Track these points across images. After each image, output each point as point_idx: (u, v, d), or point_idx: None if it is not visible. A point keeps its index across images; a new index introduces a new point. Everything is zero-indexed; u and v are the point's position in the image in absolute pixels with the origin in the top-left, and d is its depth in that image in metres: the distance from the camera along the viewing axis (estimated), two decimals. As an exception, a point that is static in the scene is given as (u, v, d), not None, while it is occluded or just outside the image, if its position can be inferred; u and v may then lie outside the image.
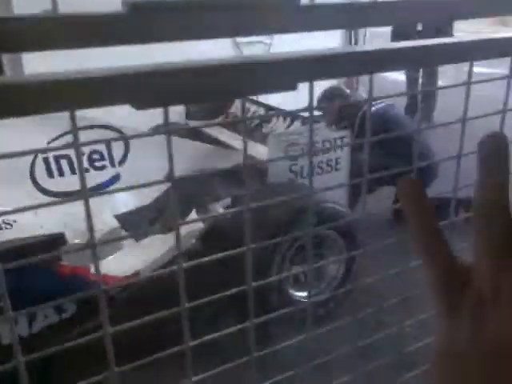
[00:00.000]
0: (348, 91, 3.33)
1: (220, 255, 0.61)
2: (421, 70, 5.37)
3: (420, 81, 5.45)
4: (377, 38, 4.74)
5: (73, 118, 0.40)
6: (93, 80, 0.38)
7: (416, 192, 0.32)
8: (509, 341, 0.26)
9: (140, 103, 0.39)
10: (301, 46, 0.54)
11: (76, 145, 0.45)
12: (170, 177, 0.43)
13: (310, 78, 0.46)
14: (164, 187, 2.53)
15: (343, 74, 0.48)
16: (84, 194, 0.46)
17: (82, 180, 0.45)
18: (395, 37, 5.04)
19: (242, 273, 0.60)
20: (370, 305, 0.78)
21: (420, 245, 0.31)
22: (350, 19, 0.50)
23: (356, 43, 5.44)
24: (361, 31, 5.51)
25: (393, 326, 0.81)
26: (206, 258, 0.61)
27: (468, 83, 0.65)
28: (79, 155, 0.47)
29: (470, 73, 0.63)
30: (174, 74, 0.39)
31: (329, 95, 3.09)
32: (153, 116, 0.45)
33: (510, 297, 0.27)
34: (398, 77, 6.24)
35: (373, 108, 3.16)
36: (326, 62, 0.46)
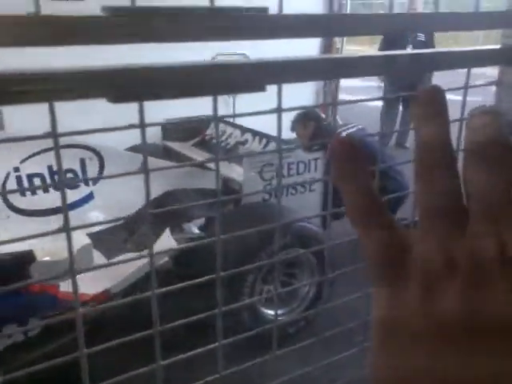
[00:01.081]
0: (323, 115, 3.41)
1: (191, 282, 0.61)
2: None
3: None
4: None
5: (52, 111, 0.41)
6: (69, 73, 0.40)
7: (349, 151, 0.27)
8: (470, 313, 0.23)
9: (115, 97, 0.41)
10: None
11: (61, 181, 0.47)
12: (144, 169, 0.45)
13: (278, 81, 0.49)
14: (137, 207, 2.53)
15: (310, 79, 0.52)
16: (67, 228, 0.47)
17: (66, 216, 0.46)
18: (386, 46, 5.12)
19: (214, 290, 0.60)
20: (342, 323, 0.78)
21: (354, 213, 0.27)
22: (314, 29, 0.53)
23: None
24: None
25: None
26: (180, 285, 0.60)
27: (465, 87, 0.68)
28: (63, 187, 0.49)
29: (467, 77, 0.66)
30: (150, 71, 0.42)
31: (303, 117, 3.15)
32: (130, 135, 0.47)
33: (468, 269, 0.24)
34: (377, 103, 6.42)
35: (349, 130, 3.24)
36: (293, 66, 0.50)
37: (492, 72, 0.74)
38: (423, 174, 0.26)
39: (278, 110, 0.52)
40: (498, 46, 0.60)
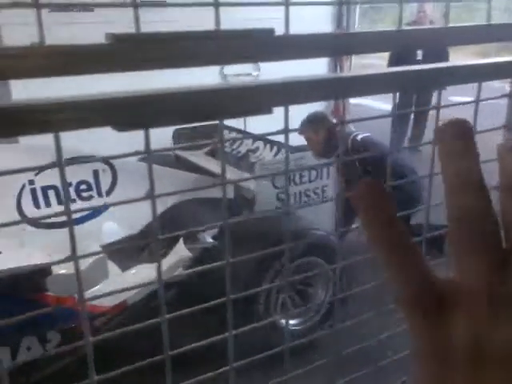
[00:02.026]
0: (334, 120, 3.39)
1: (203, 306, 0.60)
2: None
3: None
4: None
5: (57, 140, 0.41)
6: (75, 103, 0.40)
7: (376, 194, 0.26)
8: None
9: (121, 125, 0.41)
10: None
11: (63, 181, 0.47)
12: (150, 194, 0.45)
13: (285, 103, 0.49)
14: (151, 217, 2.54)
15: (318, 99, 0.51)
16: (74, 257, 0.47)
17: (72, 244, 0.46)
18: (395, 61, 5.10)
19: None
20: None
21: (387, 258, 0.26)
22: (326, 48, 0.53)
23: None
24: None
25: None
26: (188, 310, 0.59)
27: (477, 100, 0.67)
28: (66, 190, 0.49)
29: (478, 91, 0.65)
30: (154, 97, 0.42)
31: (312, 119, 3.13)
32: (140, 145, 0.47)
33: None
34: (382, 106, 6.38)
35: (359, 136, 3.21)
36: (300, 87, 0.49)
37: (498, 84, 0.73)
38: (459, 220, 0.25)
39: (285, 131, 0.52)
40: (510, 59, 0.59)
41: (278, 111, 0.52)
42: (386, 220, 0.26)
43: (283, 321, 2.32)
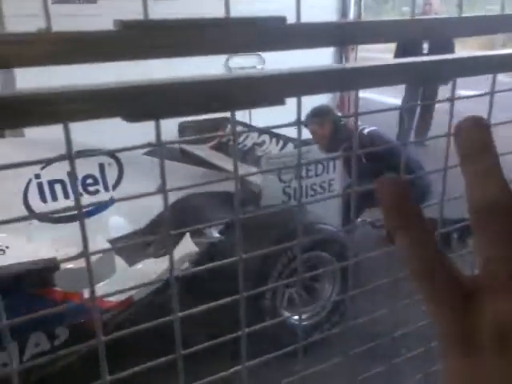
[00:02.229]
0: (339, 113, 3.37)
1: (215, 303, 0.59)
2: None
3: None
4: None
5: (67, 131, 0.40)
6: (85, 93, 0.39)
7: (400, 197, 0.25)
8: None
9: (131, 116, 0.40)
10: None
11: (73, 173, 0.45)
12: (162, 188, 0.44)
13: (298, 93, 0.47)
14: (158, 211, 2.53)
15: (329, 90, 0.50)
16: (86, 253, 0.46)
17: (85, 245, 0.45)
18: (401, 53, 5.05)
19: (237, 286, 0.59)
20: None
21: (412, 255, 0.25)
22: (334, 37, 0.51)
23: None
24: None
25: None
26: (200, 307, 0.58)
27: (492, 92, 0.66)
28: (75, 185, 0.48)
29: (493, 84, 0.64)
30: (165, 87, 0.41)
31: (317, 112, 3.11)
32: (147, 139, 0.46)
33: None
34: (387, 99, 6.33)
35: (366, 129, 3.19)
36: (312, 78, 0.48)
37: (507, 79, 0.71)
38: (481, 221, 0.25)
39: (298, 123, 0.50)
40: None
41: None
42: (411, 217, 0.26)
43: (292, 316, 2.32)
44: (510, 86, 0.70)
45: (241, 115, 3.75)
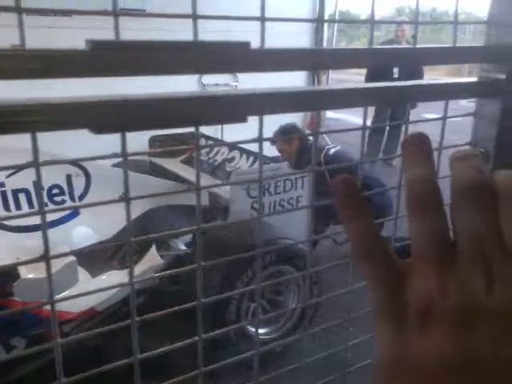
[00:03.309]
0: (307, 132, 3.45)
1: (173, 309, 0.59)
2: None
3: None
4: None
5: (34, 140, 0.42)
6: (54, 105, 0.40)
7: (350, 192, 0.30)
8: (462, 353, 0.25)
9: (98, 128, 0.42)
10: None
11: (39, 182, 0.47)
12: (125, 197, 0.46)
13: (259, 113, 0.50)
14: (123, 223, 2.52)
15: (294, 110, 0.53)
16: (46, 257, 0.47)
17: (46, 244, 0.46)
18: (371, 77, 5.24)
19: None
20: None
21: (361, 252, 0.29)
22: (298, 63, 0.55)
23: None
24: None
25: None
26: (163, 312, 0.58)
27: (444, 117, 0.70)
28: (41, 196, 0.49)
29: (445, 109, 0.68)
30: (131, 102, 0.43)
31: (284, 131, 3.19)
32: (116, 149, 0.48)
33: (459, 304, 0.26)
34: (358, 120, 6.47)
35: (332, 150, 3.28)
36: (276, 98, 0.51)
37: (468, 104, 0.77)
38: (414, 211, 0.29)
39: (260, 140, 0.54)
40: (475, 79, 0.62)
41: (255, 121, 0.53)
42: (355, 207, 0.30)
43: (254, 329, 2.33)
44: (469, 110, 0.75)
45: (212, 131, 3.78)
